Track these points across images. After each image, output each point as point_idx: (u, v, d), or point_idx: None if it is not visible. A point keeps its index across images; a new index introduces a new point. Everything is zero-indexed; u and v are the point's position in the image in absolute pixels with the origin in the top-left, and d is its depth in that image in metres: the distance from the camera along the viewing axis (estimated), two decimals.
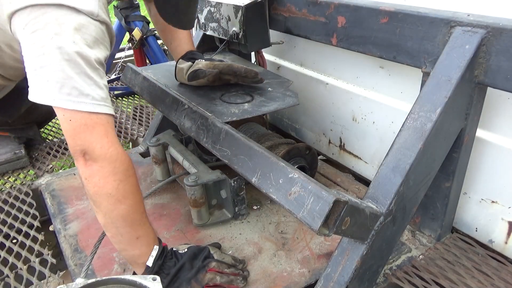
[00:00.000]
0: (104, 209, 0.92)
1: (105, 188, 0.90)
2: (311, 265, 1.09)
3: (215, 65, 1.27)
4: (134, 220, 0.94)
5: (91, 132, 0.88)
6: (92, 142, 0.88)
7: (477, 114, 1.00)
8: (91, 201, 0.95)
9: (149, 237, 0.98)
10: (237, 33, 1.38)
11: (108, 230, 0.96)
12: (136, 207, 0.94)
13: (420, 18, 0.95)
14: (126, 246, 0.96)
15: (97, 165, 0.89)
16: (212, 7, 1.47)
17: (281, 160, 0.87)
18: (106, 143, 0.90)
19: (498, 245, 1.12)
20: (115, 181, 0.90)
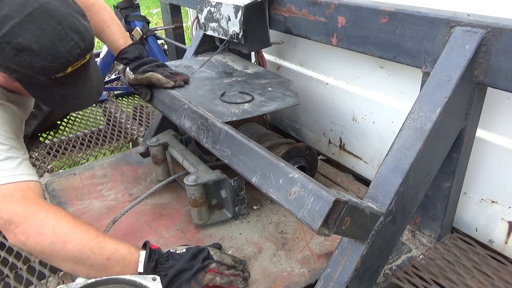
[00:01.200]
0: (59, 258, 0.93)
1: (44, 241, 0.91)
2: (311, 265, 1.09)
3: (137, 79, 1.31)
4: (93, 248, 0.93)
5: (9, 201, 0.92)
6: (12, 209, 0.91)
7: (477, 114, 1.00)
8: (48, 262, 0.98)
9: (120, 249, 0.96)
10: (237, 33, 1.38)
11: (79, 273, 0.94)
12: (86, 236, 0.94)
13: (420, 18, 0.95)
14: (106, 271, 0.93)
15: (24, 227, 0.91)
16: (212, 7, 1.47)
17: (281, 160, 0.87)
18: (26, 203, 0.93)
19: (498, 245, 1.12)
20: (48, 230, 0.91)
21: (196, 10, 1.58)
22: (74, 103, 1.09)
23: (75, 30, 0.94)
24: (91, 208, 1.37)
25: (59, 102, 1.06)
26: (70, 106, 1.13)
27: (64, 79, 0.98)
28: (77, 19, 0.96)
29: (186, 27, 3.43)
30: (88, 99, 1.11)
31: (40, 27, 0.89)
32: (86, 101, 1.11)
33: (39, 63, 0.91)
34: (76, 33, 0.94)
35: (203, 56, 1.68)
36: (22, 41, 0.88)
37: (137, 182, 1.50)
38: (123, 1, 2.43)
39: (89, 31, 1.00)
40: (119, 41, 1.35)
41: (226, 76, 1.46)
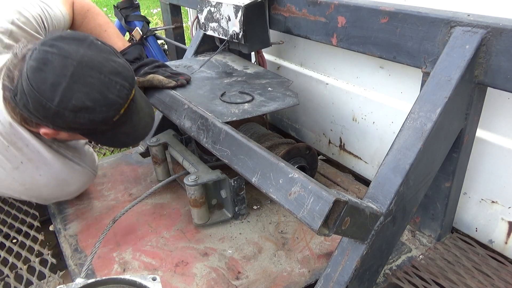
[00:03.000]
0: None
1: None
2: (311, 265, 1.09)
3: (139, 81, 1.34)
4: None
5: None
6: None
7: (477, 114, 1.00)
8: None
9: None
10: (237, 33, 1.38)
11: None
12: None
13: (420, 18, 0.95)
14: None
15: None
16: (212, 7, 1.47)
17: (281, 160, 0.87)
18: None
19: (498, 245, 1.12)
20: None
21: (196, 10, 1.58)
22: (135, 136, 1.13)
23: (115, 73, 0.97)
24: (91, 208, 1.37)
25: (123, 140, 1.11)
26: (132, 140, 1.16)
27: (120, 119, 1.01)
28: (113, 61, 0.99)
29: (186, 27, 3.43)
30: (145, 127, 1.14)
31: (86, 83, 0.93)
32: (144, 129, 1.14)
33: (96, 117, 0.96)
34: (117, 76, 0.97)
35: (203, 56, 1.68)
36: (76, 102, 0.93)
37: (137, 182, 1.50)
38: (123, 1, 2.44)
39: (126, 67, 1.02)
40: (117, 44, 1.37)
41: (226, 76, 1.46)
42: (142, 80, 1.32)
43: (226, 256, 1.14)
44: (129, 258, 1.15)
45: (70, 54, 0.92)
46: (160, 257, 1.15)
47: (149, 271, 1.10)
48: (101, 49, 0.98)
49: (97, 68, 0.94)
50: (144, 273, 1.07)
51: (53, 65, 0.91)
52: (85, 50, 0.95)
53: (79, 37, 0.97)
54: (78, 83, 0.92)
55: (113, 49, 1.03)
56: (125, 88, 0.98)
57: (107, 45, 1.01)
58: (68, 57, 0.92)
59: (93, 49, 0.96)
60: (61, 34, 0.97)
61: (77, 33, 0.99)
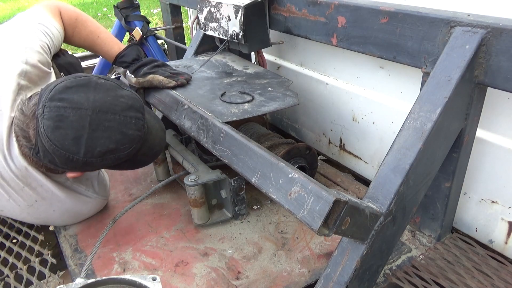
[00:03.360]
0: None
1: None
2: (311, 265, 1.09)
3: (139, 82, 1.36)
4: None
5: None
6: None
7: (477, 114, 1.00)
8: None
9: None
10: (237, 33, 1.38)
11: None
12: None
13: (420, 18, 0.95)
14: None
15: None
16: (212, 7, 1.47)
17: (281, 160, 0.87)
18: None
19: (498, 245, 1.12)
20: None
21: (196, 10, 1.58)
22: (153, 154, 1.14)
23: (128, 108, 0.99)
24: None
25: (143, 161, 1.13)
26: (151, 158, 1.19)
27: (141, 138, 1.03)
28: (122, 96, 1.00)
29: (186, 27, 3.43)
30: (160, 142, 1.16)
31: (105, 128, 0.95)
32: (160, 145, 1.16)
33: (121, 154, 0.99)
34: (130, 110, 0.99)
35: (203, 56, 1.68)
36: (101, 148, 0.95)
37: (137, 182, 1.50)
38: (123, 1, 2.43)
39: (134, 97, 1.03)
40: (113, 48, 1.38)
41: (226, 76, 1.47)
42: (142, 80, 1.32)
43: (226, 256, 1.14)
44: (129, 258, 1.15)
45: (82, 104, 0.93)
46: (160, 257, 1.15)
47: (149, 271, 1.10)
48: (107, 87, 0.99)
49: (111, 110, 0.96)
50: (144, 273, 1.07)
51: (69, 120, 0.92)
52: (94, 95, 0.96)
53: (83, 82, 0.97)
54: (98, 131, 0.94)
55: (117, 82, 1.04)
56: (140, 119, 1.01)
57: (110, 79, 1.02)
58: (81, 108, 0.93)
59: (100, 91, 0.97)
60: (65, 83, 0.96)
61: (79, 78, 0.99)
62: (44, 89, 0.97)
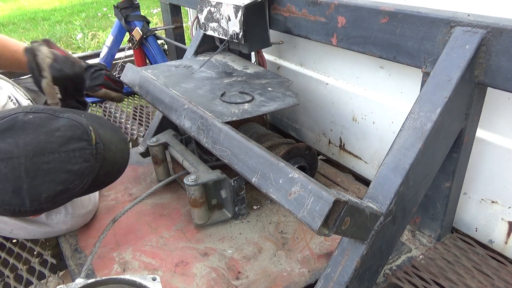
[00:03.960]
0: None
1: None
2: (311, 265, 1.09)
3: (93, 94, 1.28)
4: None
5: None
6: None
7: (477, 114, 1.00)
8: None
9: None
10: (237, 33, 1.38)
11: None
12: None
13: (420, 18, 0.95)
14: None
15: None
16: (212, 7, 1.47)
17: (281, 160, 0.87)
18: None
19: (498, 245, 1.12)
20: None
21: (196, 10, 1.58)
22: (118, 169, 1.05)
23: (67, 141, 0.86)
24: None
25: (108, 180, 1.05)
26: (117, 174, 1.07)
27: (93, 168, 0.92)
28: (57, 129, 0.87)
29: (186, 27, 3.43)
30: (123, 155, 1.06)
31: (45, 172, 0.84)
32: (123, 158, 1.06)
33: (75, 191, 0.89)
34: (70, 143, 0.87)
35: (203, 56, 1.68)
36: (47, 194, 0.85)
37: (137, 182, 1.50)
38: (123, 1, 2.43)
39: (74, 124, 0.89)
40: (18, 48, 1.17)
41: (226, 76, 1.47)
42: (96, 95, 1.26)
43: (226, 256, 1.14)
44: (129, 258, 1.15)
45: (11, 153, 0.81)
46: (160, 257, 1.15)
47: (149, 271, 1.10)
48: (37, 123, 0.85)
49: (47, 150, 0.84)
50: (144, 273, 1.07)
51: (2, 173, 0.81)
52: (23, 137, 0.83)
53: (6, 125, 0.83)
54: (38, 177, 0.83)
55: (49, 111, 0.88)
56: (85, 149, 0.88)
57: (39, 111, 0.87)
58: (12, 157, 0.81)
59: (29, 131, 0.84)
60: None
61: (2, 121, 0.84)
62: None
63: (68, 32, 5.22)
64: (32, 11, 8.12)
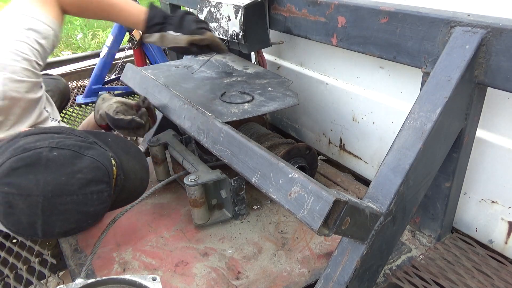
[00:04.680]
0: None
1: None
2: (311, 265, 1.09)
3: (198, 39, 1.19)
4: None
5: None
6: None
7: (477, 114, 1.00)
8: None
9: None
10: (237, 33, 1.38)
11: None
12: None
13: (420, 18, 0.95)
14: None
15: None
16: (212, 7, 1.47)
17: (281, 160, 0.87)
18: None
19: (498, 245, 1.12)
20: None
21: (196, 10, 1.58)
22: (133, 197, 1.08)
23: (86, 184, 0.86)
24: None
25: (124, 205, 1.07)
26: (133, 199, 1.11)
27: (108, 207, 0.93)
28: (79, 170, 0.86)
29: None
30: (142, 183, 1.07)
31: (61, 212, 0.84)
32: (142, 185, 1.07)
33: (86, 227, 0.91)
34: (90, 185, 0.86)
35: (203, 56, 1.68)
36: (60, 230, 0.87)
37: None
38: None
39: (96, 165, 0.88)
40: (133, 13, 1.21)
41: (226, 76, 1.47)
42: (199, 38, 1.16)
43: (226, 256, 1.14)
44: (129, 258, 1.15)
45: (30, 190, 0.81)
46: (160, 257, 1.15)
47: (149, 271, 1.10)
48: (61, 162, 0.84)
49: (65, 192, 0.83)
50: (144, 273, 1.07)
51: (19, 207, 0.81)
52: (44, 176, 0.82)
53: (30, 160, 0.82)
54: (53, 215, 0.83)
55: (76, 147, 0.87)
56: (104, 191, 0.88)
57: (65, 147, 0.86)
58: (31, 195, 0.81)
59: (52, 170, 0.83)
60: (10, 164, 0.81)
61: (26, 153, 0.82)
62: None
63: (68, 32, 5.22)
64: None
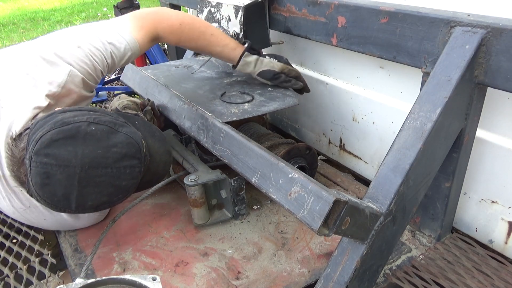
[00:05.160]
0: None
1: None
2: (311, 265, 1.09)
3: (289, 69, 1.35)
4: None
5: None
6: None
7: (477, 114, 1.00)
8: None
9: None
10: (237, 33, 1.38)
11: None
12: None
13: (420, 18, 0.95)
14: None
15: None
16: (212, 7, 1.47)
17: (281, 160, 0.87)
18: None
19: (498, 245, 1.12)
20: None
21: (196, 10, 1.58)
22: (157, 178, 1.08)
23: (121, 158, 0.89)
24: None
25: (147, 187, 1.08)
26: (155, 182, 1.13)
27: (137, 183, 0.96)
28: (114, 145, 0.89)
29: None
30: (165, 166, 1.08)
31: (96, 184, 0.88)
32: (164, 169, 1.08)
33: (117, 201, 0.94)
34: (124, 160, 0.90)
35: (203, 56, 1.68)
36: (93, 203, 0.90)
37: None
38: (123, 1, 2.44)
39: (130, 142, 0.91)
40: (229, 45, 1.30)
41: (226, 76, 1.47)
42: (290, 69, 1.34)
43: (226, 256, 1.14)
44: (129, 258, 1.15)
45: (69, 161, 0.85)
46: (160, 257, 1.15)
47: (149, 271, 1.10)
48: (98, 136, 0.88)
49: (102, 164, 0.87)
50: (144, 273, 1.07)
51: (57, 177, 0.85)
52: (82, 148, 0.86)
53: (70, 133, 0.86)
54: (88, 187, 0.88)
55: (111, 123, 0.91)
56: (136, 167, 0.91)
57: (101, 123, 0.90)
58: (69, 166, 0.85)
59: (90, 142, 0.87)
60: (51, 135, 0.85)
61: (65, 126, 0.86)
62: (31, 136, 0.88)
63: None
64: (32, 11, 8.12)
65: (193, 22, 1.26)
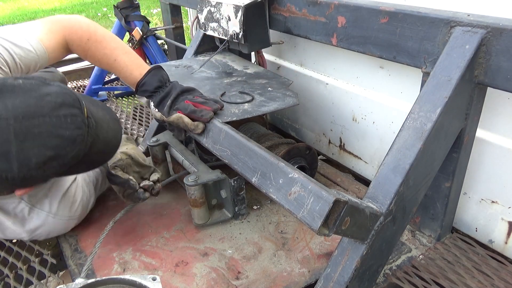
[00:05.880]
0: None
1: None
2: (311, 265, 1.09)
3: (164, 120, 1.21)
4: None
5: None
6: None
7: (477, 114, 1.00)
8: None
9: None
10: (237, 33, 1.38)
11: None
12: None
13: (420, 18, 0.95)
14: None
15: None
16: (212, 7, 1.47)
17: (281, 160, 0.87)
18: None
19: (498, 245, 1.12)
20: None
21: (196, 10, 1.58)
22: (110, 149, 1.02)
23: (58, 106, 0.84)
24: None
25: (100, 159, 1.01)
26: (109, 154, 1.04)
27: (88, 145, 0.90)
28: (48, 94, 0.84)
29: (186, 27, 3.43)
30: (116, 135, 1.02)
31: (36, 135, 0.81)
32: (116, 138, 1.02)
33: (65, 159, 0.85)
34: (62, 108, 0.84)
35: (203, 56, 1.68)
36: (37, 159, 0.82)
37: None
38: (123, 1, 2.43)
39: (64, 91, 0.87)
40: (133, 74, 1.21)
41: (226, 76, 1.47)
42: (167, 119, 1.18)
43: (226, 256, 1.14)
44: (129, 258, 1.15)
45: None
46: (160, 257, 1.15)
47: (149, 271, 1.10)
48: (27, 88, 0.83)
49: (37, 113, 0.81)
50: (144, 273, 1.07)
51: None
52: (12, 100, 0.80)
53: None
54: (28, 140, 0.80)
55: (39, 79, 0.87)
56: (77, 116, 0.85)
57: (30, 78, 0.85)
58: (0, 118, 0.78)
59: (19, 94, 0.81)
60: None
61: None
62: None
63: None
64: (32, 11, 8.12)
65: (102, 40, 1.18)
